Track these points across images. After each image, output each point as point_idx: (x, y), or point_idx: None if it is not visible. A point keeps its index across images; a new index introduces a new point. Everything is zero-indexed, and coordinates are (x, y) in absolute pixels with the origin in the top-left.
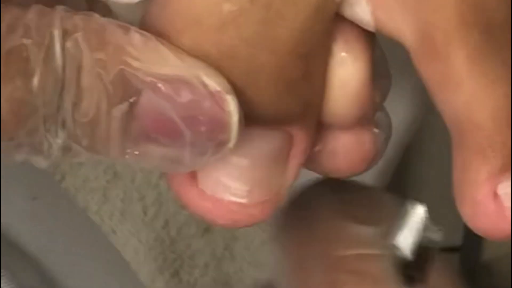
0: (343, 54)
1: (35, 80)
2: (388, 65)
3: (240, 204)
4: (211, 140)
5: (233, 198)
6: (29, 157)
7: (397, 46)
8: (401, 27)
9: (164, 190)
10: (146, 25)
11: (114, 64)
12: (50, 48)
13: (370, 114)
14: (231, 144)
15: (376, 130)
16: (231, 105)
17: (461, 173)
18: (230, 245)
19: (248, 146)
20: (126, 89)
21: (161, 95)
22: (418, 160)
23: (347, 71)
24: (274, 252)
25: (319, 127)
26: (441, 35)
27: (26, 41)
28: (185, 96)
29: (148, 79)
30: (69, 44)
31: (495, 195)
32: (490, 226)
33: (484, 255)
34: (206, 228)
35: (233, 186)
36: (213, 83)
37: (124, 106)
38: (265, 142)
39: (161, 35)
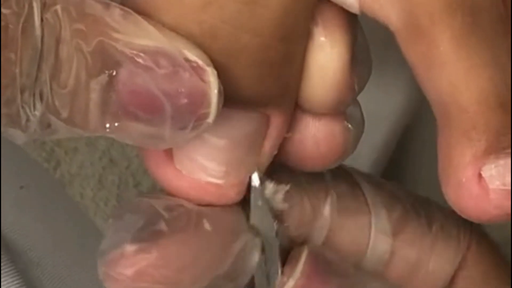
0: (322, 38)
1: (16, 49)
2: (370, 52)
3: (216, 185)
4: (191, 113)
5: (210, 179)
6: (6, 130)
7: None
8: (386, 9)
9: None
10: (127, 4)
11: (94, 35)
12: (28, 18)
13: (346, 102)
14: (211, 118)
15: (348, 125)
16: (211, 77)
17: (445, 155)
18: None
19: (226, 127)
20: (106, 60)
21: (141, 66)
22: (414, 146)
23: (325, 56)
24: None
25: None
26: (426, 17)
27: (5, 11)
28: (165, 67)
29: (128, 50)
30: (48, 15)
31: (480, 177)
32: (474, 208)
33: None
34: None
35: (210, 167)
36: (193, 55)
37: (103, 78)
38: (243, 124)
39: (142, 13)
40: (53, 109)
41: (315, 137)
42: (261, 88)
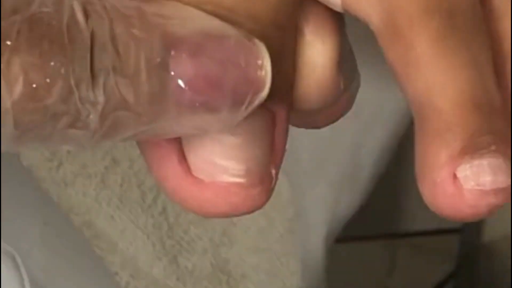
0: (313, 36)
1: (64, 44)
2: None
3: (239, 184)
4: (250, 84)
5: (232, 179)
6: (67, 132)
7: None
8: (367, 9)
9: None
10: None
11: (148, 23)
12: (72, 16)
13: (331, 100)
14: (266, 90)
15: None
16: (262, 47)
17: (422, 155)
18: (228, 231)
19: (238, 124)
20: (165, 45)
21: (200, 45)
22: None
23: (315, 53)
24: None
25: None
26: (405, 18)
27: (46, 9)
28: (222, 43)
29: (185, 32)
30: (94, 11)
31: (455, 177)
32: (449, 207)
33: (484, 237)
34: None
35: (230, 166)
36: (237, 31)
37: (164, 63)
38: (252, 119)
39: None
40: (119, 99)
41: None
42: None
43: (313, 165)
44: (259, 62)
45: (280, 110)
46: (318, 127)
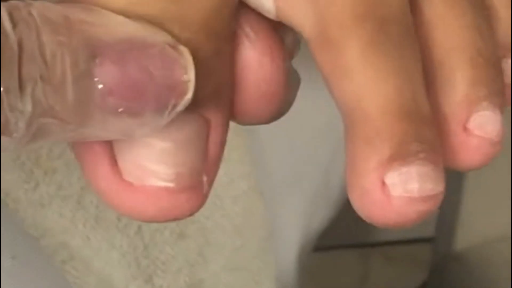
0: (254, 48)
1: None
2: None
3: (168, 189)
4: (172, 89)
5: (161, 183)
6: None
7: None
8: (300, 17)
9: None
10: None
11: (73, 30)
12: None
13: (280, 114)
14: (189, 94)
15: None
16: (185, 52)
17: (351, 162)
18: (203, 250)
19: (168, 129)
20: (89, 52)
21: (124, 51)
22: None
23: (259, 65)
24: None
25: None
26: (336, 27)
27: None
28: (146, 49)
29: (109, 38)
30: (20, 20)
31: (383, 184)
32: (377, 214)
33: (455, 246)
34: (180, 233)
35: (160, 171)
36: (163, 36)
37: (88, 70)
38: (184, 125)
39: None
40: (46, 108)
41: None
42: (196, 85)
43: (288, 181)
44: (182, 69)
45: (215, 116)
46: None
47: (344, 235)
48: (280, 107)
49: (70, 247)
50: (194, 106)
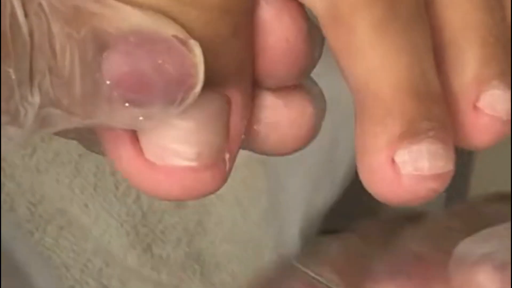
0: (276, 9)
1: (7, 45)
2: None
3: (190, 168)
4: (181, 84)
5: (183, 162)
6: (4, 128)
7: None
8: None
9: None
10: None
11: (82, 22)
12: (12, 15)
13: (307, 71)
14: (198, 87)
15: (313, 103)
16: (196, 48)
17: (360, 140)
18: (203, 220)
19: (189, 108)
20: (97, 45)
21: (132, 45)
22: None
23: (282, 25)
24: None
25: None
26: (347, 5)
27: None
28: (155, 43)
29: (117, 31)
30: (32, 10)
31: (393, 162)
32: (387, 192)
33: None
34: (179, 202)
35: (181, 150)
36: (175, 30)
37: (95, 63)
38: (205, 104)
39: None
40: (53, 99)
41: (289, 119)
42: (216, 65)
43: (291, 156)
44: (192, 62)
45: (237, 94)
46: (283, 153)
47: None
48: (306, 66)
49: (68, 214)
50: (215, 85)
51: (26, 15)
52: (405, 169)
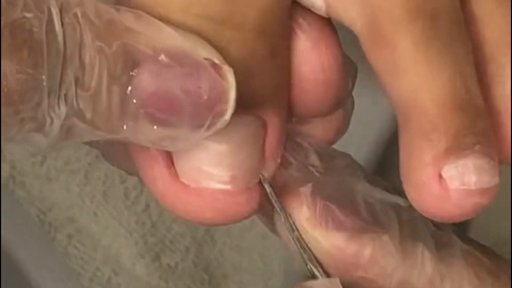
0: (312, 40)
1: (42, 52)
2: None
3: (225, 191)
4: (210, 110)
5: (218, 185)
6: (30, 134)
7: None
8: (351, 13)
9: None
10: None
11: (115, 37)
12: (50, 22)
13: (342, 101)
14: (227, 115)
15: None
16: (228, 74)
17: (406, 157)
18: (211, 230)
19: (224, 131)
20: (127, 61)
21: (162, 66)
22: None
23: (320, 57)
24: None
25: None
26: (388, 22)
27: (28, 15)
28: (186, 65)
29: (150, 50)
30: (67, 19)
31: (440, 177)
32: (435, 207)
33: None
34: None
35: (215, 173)
36: (209, 54)
37: (124, 79)
38: (240, 127)
39: None
40: (77, 111)
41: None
42: (252, 86)
43: None
44: (223, 89)
45: (272, 117)
46: None
47: None
48: (338, 96)
49: (77, 222)
50: (251, 106)
51: (61, 23)
52: (453, 184)
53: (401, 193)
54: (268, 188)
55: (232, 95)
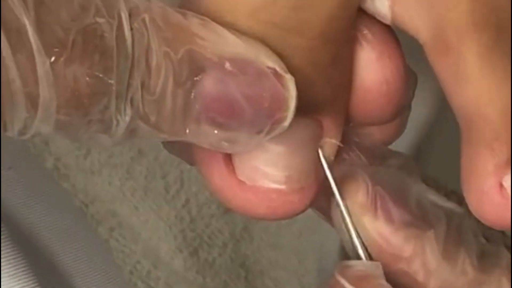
0: (377, 51)
1: (112, 57)
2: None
3: (279, 190)
4: (270, 117)
5: (272, 185)
6: (96, 134)
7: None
8: (417, 22)
9: (186, 169)
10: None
11: (181, 43)
12: (119, 27)
13: (404, 109)
14: (286, 122)
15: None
16: (289, 82)
17: (468, 164)
18: (249, 226)
19: (282, 133)
20: (192, 67)
21: (226, 73)
22: (428, 158)
23: (383, 68)
24: None
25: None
26: (454, 32)
27: (100, 20)
28: (250, 74)
29: (215, 57)
30: (136, 24)
31: (501, 186)
32: (495, 215)
33: None
34: (226, 208)
35: (271, 173)
36: (272, 62)
37: (189, 84)
38: (298, 130)
39: None
40: (142, 114)
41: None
42: (312, 92)
43: None
44: (283, 97)
45: (329, 121)
46: None
47: None
48: (399, 106)
49: (118, 216)
50: (309, 110)
51: (130, 27)
52: None
53: (461, 199)
54: (327, 170)
55: (292, 103)
